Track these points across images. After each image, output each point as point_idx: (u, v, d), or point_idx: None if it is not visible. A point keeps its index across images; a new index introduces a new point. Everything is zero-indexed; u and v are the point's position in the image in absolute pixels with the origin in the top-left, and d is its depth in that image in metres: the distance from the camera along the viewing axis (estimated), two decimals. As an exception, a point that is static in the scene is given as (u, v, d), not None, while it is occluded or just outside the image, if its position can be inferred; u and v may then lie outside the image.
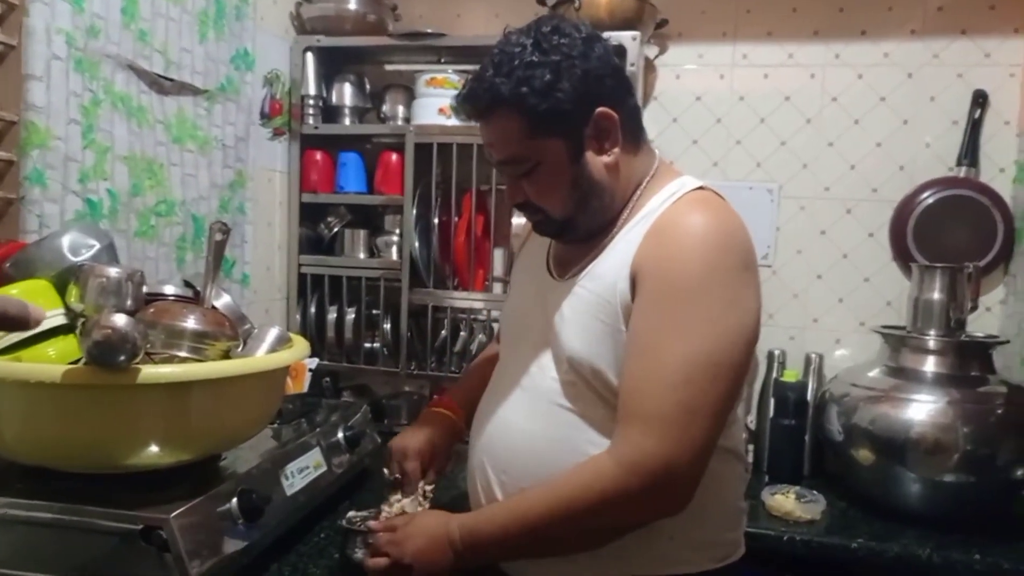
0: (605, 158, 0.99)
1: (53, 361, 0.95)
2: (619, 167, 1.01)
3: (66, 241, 1.05)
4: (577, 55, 0.95)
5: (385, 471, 1.18)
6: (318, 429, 1.33)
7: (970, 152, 1.79)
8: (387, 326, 1.95)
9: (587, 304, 0.99)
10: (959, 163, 1.79)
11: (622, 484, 0.89)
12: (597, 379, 0.97)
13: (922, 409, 1.48)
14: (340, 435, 1.37)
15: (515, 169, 1.00)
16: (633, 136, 1.03)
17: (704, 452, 0.90)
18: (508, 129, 0.97)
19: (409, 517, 1.06)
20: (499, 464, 1.04)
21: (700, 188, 1.01)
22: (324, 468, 1.27)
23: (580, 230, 1.03)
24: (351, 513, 1.13)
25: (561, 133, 0.96)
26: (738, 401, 0.98)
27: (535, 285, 1.11)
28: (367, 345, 1.96)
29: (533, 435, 1.01)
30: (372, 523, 1.06)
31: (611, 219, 1.02)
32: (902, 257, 1.83)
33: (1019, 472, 1.46)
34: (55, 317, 0.98)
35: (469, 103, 0.99)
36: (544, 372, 1.03)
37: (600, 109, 0.97)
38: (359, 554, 1.06)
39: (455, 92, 1.01)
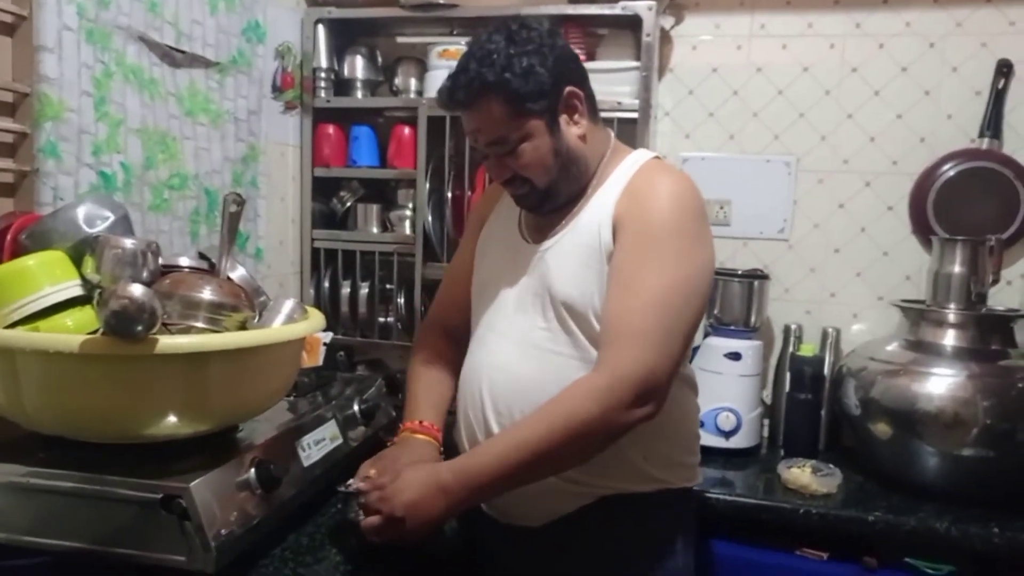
0: (576, 128, 1.14)
1: (71, 331, 0.94)
2: (588, 137, 1.15)
3: (81, 212, 1.04)
4: (546, 44, 1.10)
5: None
6: (333, 402, 1.33)
7: (993, 123, 1.75)
8: (401, 300, 1.95)
9: (572, 255, 1.13)
10: (982, 134, 1.76)
11: (615, 393, 1.00)
12: (593, 317, 1.09)
13: (941, 383, 1.47)
14: (355, 408, 1.37)
15: (501, 148, 1.12)
16: (593, 114, 1.18)
17: (676, 364, 1.06)
18: (494, 112, 1.09)
19: (396, 473, 1.06)
20: (496, 404, 1.14)
21: (656, 157, 1.19)
22: (340, 440, 1.27)
23: (559, 197, 1.16)
24: (351, 480, 1.12)
25: (539, 111, 1.10)
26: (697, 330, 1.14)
27: (510, 252, 1.22)
28: (381, 319, 1.96)
29: (529, 370, 1.12)
30: (360, 484, 1.07)
31: (582, 188, 1.17)
32: (922, 231, 1.81)
33: (1039, 446, 1.44)
34: (71, 288, 0.98)
35: (457, 94, 1.10)
36: (533, 324, 1.14)
37: (568, 88, 1.12)
38: (356, 516, 1.06)
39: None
